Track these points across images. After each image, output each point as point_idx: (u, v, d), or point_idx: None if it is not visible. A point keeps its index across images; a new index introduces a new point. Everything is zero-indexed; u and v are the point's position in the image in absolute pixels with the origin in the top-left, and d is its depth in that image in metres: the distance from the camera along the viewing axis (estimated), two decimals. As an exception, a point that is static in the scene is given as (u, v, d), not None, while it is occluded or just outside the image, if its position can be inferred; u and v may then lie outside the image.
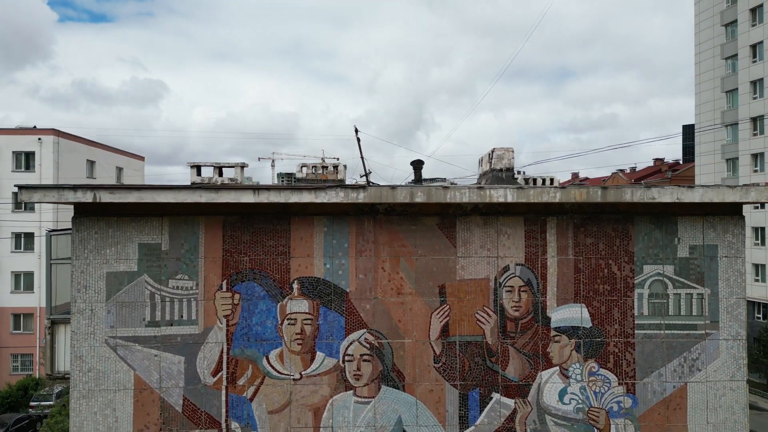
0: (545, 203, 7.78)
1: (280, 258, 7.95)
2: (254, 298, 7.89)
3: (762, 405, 34.88)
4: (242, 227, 7.95)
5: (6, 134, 34.95)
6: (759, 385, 38.11)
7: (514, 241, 8.10)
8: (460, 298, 8.01)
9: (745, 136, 41.81)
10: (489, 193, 7.67)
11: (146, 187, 7.46)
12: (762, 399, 36.05)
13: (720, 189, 7.74)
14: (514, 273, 8.04)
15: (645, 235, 8.12)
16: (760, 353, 38.60)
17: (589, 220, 8.14)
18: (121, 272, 7.79)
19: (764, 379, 38.59)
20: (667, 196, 7.69)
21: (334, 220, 8.01)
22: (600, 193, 7.70)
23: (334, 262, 7.97)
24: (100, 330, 7.73)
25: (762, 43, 40.50)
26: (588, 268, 8.10)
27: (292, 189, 7.58)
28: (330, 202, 7.59)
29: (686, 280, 8.10)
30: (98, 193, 7.39)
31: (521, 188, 7.67)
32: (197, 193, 7.47)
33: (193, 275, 7.86)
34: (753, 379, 38.44)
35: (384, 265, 8.02)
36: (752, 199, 7.78)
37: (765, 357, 38.20)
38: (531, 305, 8.02)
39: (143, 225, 7.85)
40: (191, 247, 7.88)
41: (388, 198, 7.64)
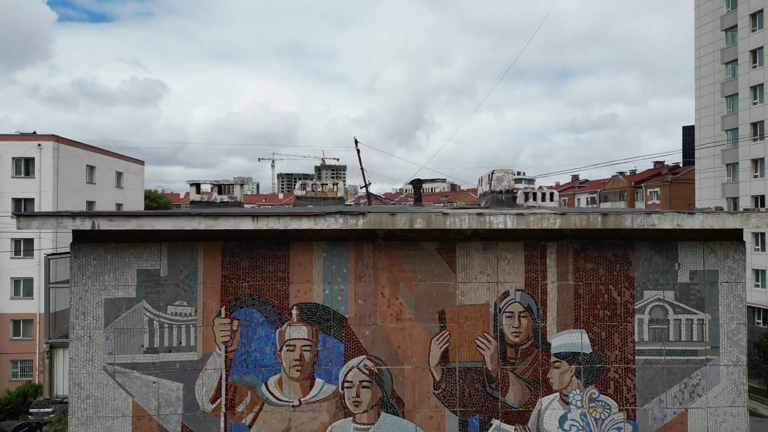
0: (545, 229, 7.75)
1: (279, 284, 7.92)
2: (253, 324, 7.86)
3: (762, 411, 34.85)
4: (241, 253, 7.93)
5: (5, 140, 34.89)
6: (759, 390, 38.08)
7: (514, 267, 8.08)
8: (460, 324, 7.98)
9: (746, 142, 41.77)
10: (489, 219, 7.64)
11: (145, 215, 7.43)
12: (762, 405, 36.02)
13: (720, 215, 7.71)
14: (514, 299, 8.01)
15: (645, 261, 8.10)
16: (760, 359, 38.59)
17: (590, 246, 8.11)
18: (119, 298, 7.76)
19: (764, 385, 38.55)
20: (668, 223, 7.66)
21: (334, 245, 7.99)
22: (600, 220, 7.67)
23: (333, 287, 7.95)
24: (99, 357, 7.70)
25: (762, 49, 40.48)
26: (588, 294, 8.07)
27: (292, 215, 7.55)
28: (329, 228, 7.57)
29: (687, 305, 8.08)
30: (97, 220, 7.36)
31: (521, 214, 7.65)
32: (196, 221, 7.44)
33: (192, 301, 7.83)
34: (753, 385, 38.41)
35: (383, 290, 7.99)
36: (753, 225, 7.76)
37: (765, 363, 38.17)
38: (531, 331, 7.99)
39: (142, 251, 7.82)
40: (190, 273, 7.86)
41: (388, 224, 7.61)
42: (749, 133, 41.43)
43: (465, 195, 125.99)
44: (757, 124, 40.86)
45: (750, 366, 38.93)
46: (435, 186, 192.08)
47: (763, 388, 38.55)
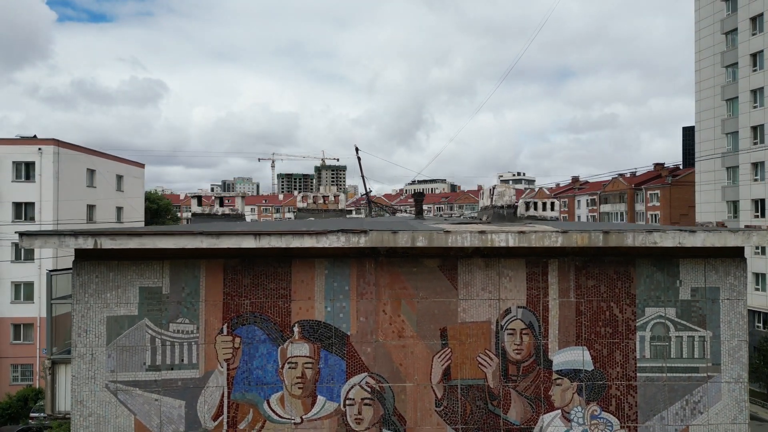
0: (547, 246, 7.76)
1: (281, 301, 7.93)
2: (255, 342, 7.87)
3: (762, 415, 34.86)
4: (243, 270, 7.94)
5: (6, 144, 34.90)
6: (759, 394, 38.10)
7: (516, 284, 8.09)
8: (462, 341, 7.99)
9: (746, 145, 41.79)
10: (490, 237, 7.66)
11: (147, 233, 7.44)
12: (762, 410, 36.03)
13: (722, 234, 7.72)
14: (516, 316, 8.02)
15: (647, 278, 8.11)
16: (760, 362, 38.62)
17: (591, 263, 8.12)
18: (121, 316, 7.77)
19: (764, 389, 38.57)
20: (669, 241, 7.68)
21: (335, 263, 8.00)
22: (602, 238, 7.69)
23: (335, 304, 7.96)
24: (101, 374, 7.71)
25: (762, 53, 40.49)
26: (590, 311, 8.08)
27: (294, 234, 7.56)
28: (331, 246, 7.58)
29: (688, 322, 8.09)
30: (99, 239, 7.37)
31: (522, 233, 7.66)
32: (198, 239, 7.45)
33: (194, 319, 7.84)
34: (753, 389, 38.43)
35: (385, 307, 8.00)
36: (754, 243, 7.77)
37: (765, 366, 38.20)
38: (533, 348, 8.00)
39: (144, 269, 7.83)
40: (192, 291, 7.86)
41: (390, 242, 7.62)
42: (750, 136, 41.45)
43: (465, 196, 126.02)
44: (757, 127, 40.89)
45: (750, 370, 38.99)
46: (435, 186, 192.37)
47: (764, 391, 38.57)
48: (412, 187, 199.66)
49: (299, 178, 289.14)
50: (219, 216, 11.27)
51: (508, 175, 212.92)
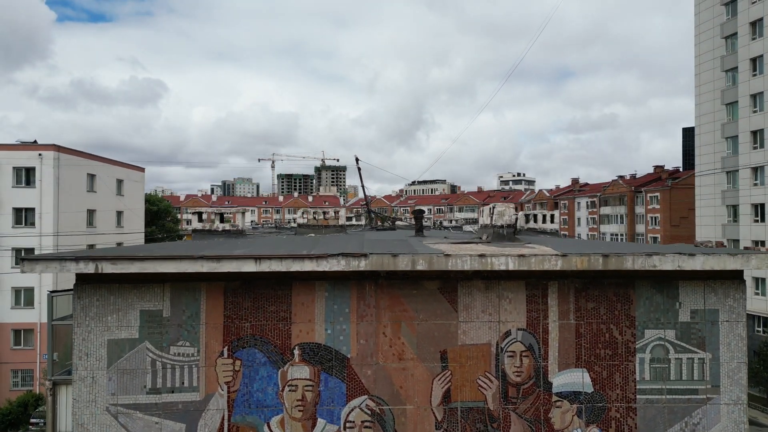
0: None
1: (282, 323, 7.95)
2: (255, 365, 7.88)
3: (762, 421, 34.87)
4: (243, 293, 7.95)
5: (6, 150, 34.93)
6: (759, 399, 38.09)
7: (516, 306, 8.10)
8: (462, 364, 8.01)
9: (746, 150, 41.81)
10: (490, 260, 7.67)
11: (148, 257, 7.46)
12: (762, 414, 36.03)
13: (721, 257, 7.74)
14: (516, 338, 8.04)
15: (646, 300, 8.12)
16: (760, 367, 38.60)
17: (591, 285, 8.14)
18: (122, 339, 7.79)
19: (764, 393, 38.56)
20: (669, 264, 7.70)
21: (336, 285, 8.01)
22: (601, 261, 7.71)
23: (335, 327, 7.97)
24: (102, 397, 7.72)
25: (762, 57, 40.51)
26: (589, 333, 8.10)
27: (294, 258, 7.58)
28: (332, 270, 7.60)
29: (687, 344, 8.10)
30: (100, 264, 7.39)
31: (522, 256, 7.68)
32: (199, 263, 7.47)
33: (195, 342, 7.86)
34: (753, 393, 38.43)
35: (385, 330, 8.02)
36: (753, 266, 7.79)
37: (765, 371, 38.17)
38: (533, 370, 8.02)
39: (145, 292, 7.85)
40: (192, 314, 7.88)
41: (390, 266, 7.64)
42: (749, 141, 41.46)
43: (465, 198, 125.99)
44: (757, 132, 40.90)
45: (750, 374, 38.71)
46: (435, 187, 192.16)
47: (763, 396, 38.56)
48: (413, 188, 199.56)
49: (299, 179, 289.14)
50: (219, 232, 11.28)
51: (508, 176, 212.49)
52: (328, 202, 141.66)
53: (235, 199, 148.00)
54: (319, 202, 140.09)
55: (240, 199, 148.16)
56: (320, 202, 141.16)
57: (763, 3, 40.37)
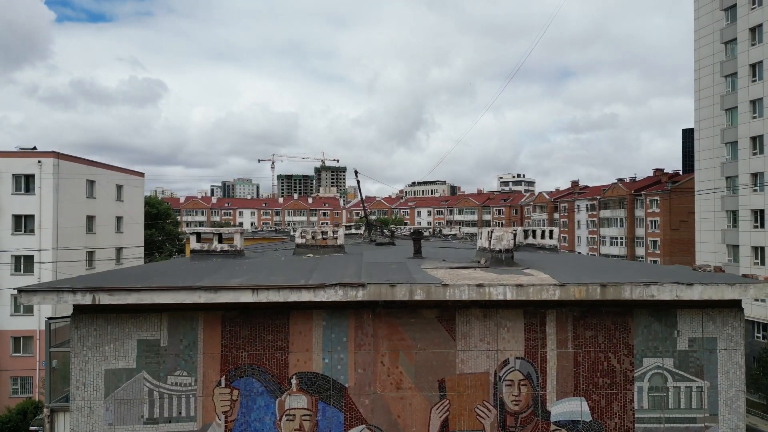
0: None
1: (279, 353, 7.94)
2: (253, 394, 7.87)
3: (762, 428, 34.83)
4: (241, 322, 7.94)
5: (6, 157, 34.92)
6: (759, 405, 38.06)
7: (514, 334, 8.09)
8: (460, 393, 7.99)
9: (745, 156, 41.78)
10: (488, 290, 7.66)
11: (145, 289, 7.45)
12: (762, 421, 36.00)
13: (719, 287, 7.73)
14: (514, 367, 8.03)
15: (644, 328, 8.11)
16: (759, 373, 38.58)
17: (589, 313, 8.13)
18: (119, 369, 7.77)
19: (764, 400, 38.53)
20: (666, 294, 7.69)
21: (333, 314, 8.00)
22: (599, 291, 7.70)
23: (332, 356, 7.96)
24: (99, 428, 7.71)
25: (761, 63, 40.49)
26: (588, 361, 8.09)
27: (291, 288, 7.57)
28: (329, 300, 7.60)
29: (686, 373, 8.09)
30: (98, 295, 7.39)
31: (520, 286, 7.67)
32: (196, 294, 7.46)
33: (192, 371, 7.85)
34: (753, 400, 38.41)
35: (383, 359, 8.01)
36: (751, 296, 7.78)
37: (765, 377, 38.14)
38: (531, 399, 8.00)
39: (142, 321, 7.83)
40: (190, 343, 7.87)
41: (387, 296, 7.63)
42: (749, 146, 41.44)
43: (465, 200, 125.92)
44: (756, 138, 40.87)
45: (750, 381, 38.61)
46: (435, 188, 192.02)
47: (763, 402, 38.53)
48: (412, 189, 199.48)
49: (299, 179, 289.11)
50: (218, 252, 11.27)
51: (508, 177, 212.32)
52: (328, 203, 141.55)
53: (235, 201, 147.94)
54: (319, 204, 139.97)
55: (240, 201, 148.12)
56: (320, 203, 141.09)
57: (762, 9, 40.35)
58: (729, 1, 44.27)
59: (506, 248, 9.36)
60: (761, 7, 40.51)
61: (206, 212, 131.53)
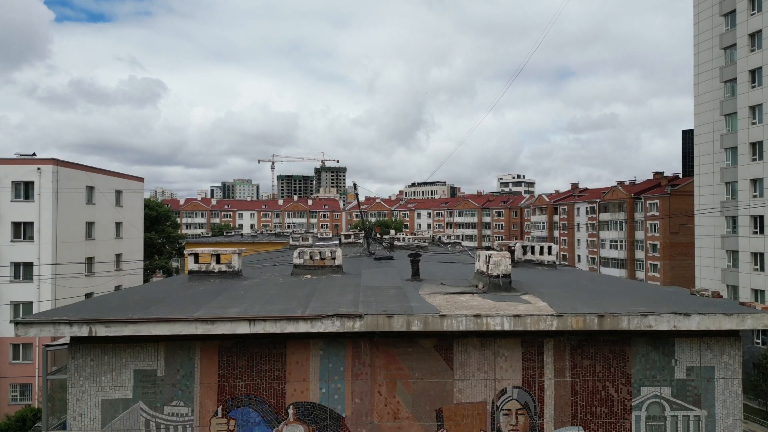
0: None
1: (276, 382, 7.92)
2: (250, 424, 7.86)
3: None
4: (238, 352, 7.93)
5: (5, 164, 34.91)
6: (758, 412, 38.04)
7: (512, 363, 8.08)
8: (458, 422, 7.98)
9: (745, 161, 41.78)
10: (486, 321, 7.66)
11: (142, 320, 7.43)
12: (762, 428, 35.97)
13: (717, 317, 7.72)
14: (512, 396, 8.02)
15: (642, 357, 8.10)
16: (759, 379, 38.56)
17: (586, 342, 8.12)
18: (116, 399, 7.76)
19: (763, 406, 38.50)
20: (664, 324, 7.68)
21: (330, 343, 7.99)
22: (597, 321, 7.69)
23: (329, 386, 7.95)
24: (96, 459, 7.69)
25: (761, 69, 40.48)
26: (585, 391, 8.07)
27: (288, 319, 7.56)
28: (326, 331, 7.59)
29: (683, 401, 8.08)
30: (94, 327, 7.38)
31: (518, 316, 7.66)
32: (193, 326, 7.45)
33: (189, 401, 7.84)
34: (753, 406, 38.40)
35: (380, 388, 8.00)
36: (748, 326, 7.77)
37: (764, 383, 38.11)
38: (528, 429, 7.99)
39: (139, 351, 7.82)
40: (187, 373, 7.86)
41: (385, 327, 7.62)
42: (749, 152, 41.43)
43: (465, 202, 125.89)
44: (756, 144, 40.87)
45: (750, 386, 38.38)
46: (435, 189, 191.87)
47: (763, 409, 38.51)
48: (412, 190, 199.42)
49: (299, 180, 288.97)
50: (216, 273, 11.26)
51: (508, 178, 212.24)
52: (328, 205, 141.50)
53: (235, 203, 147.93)
54: (319, 206, 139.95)
55: (239, 203, 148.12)
56: (320, 205, 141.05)
57: (762, 15, 40.35)
58: (728, 7, 44.28)
59: (504, 273, 9.35)
60: (761, 13, 40.52)
61: (206, 214, 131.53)
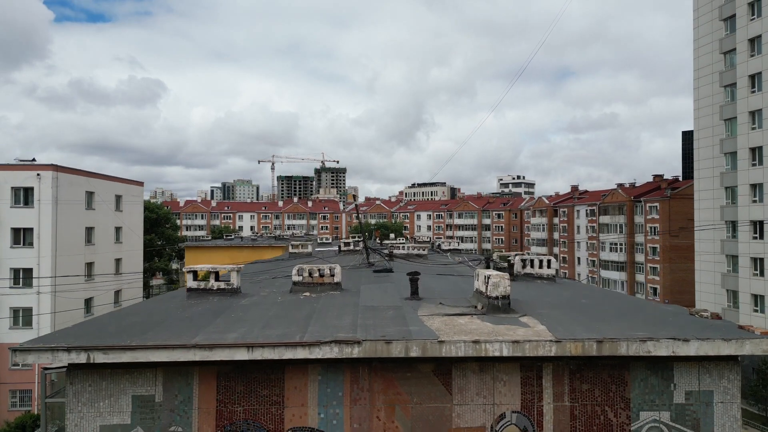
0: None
1: (274, 408, 7.91)
2: (248, 450, 7.84)
3: (761, 440, 34.78)
4: (236, 377, 7.92)
5: (5, 170, 34.90)
6: (758, 417, 38.04)
7: (510, 388, 8.07)
8: (456, 448, 7.97)
9: (744, 166, 41.78)
10: (484, 347, 7.65)
11: (140, 347, 7.43)
12: (761, 434, 35.95)
13: (715, 342, 7.72)
14: (511, 421, 8.01)
15: (641, 381, 8.10)
16: (758, 384, 38.57)
17: (585, 366, 8.11)
18: (114, 425, 7.75)
19: (763, 411, 38.51)
20: (663, 350, 7.68)
21: (329, 368, 7.98)
22: (595, 347, 7.68)
23: (328, 411, 7.94)
24: (94, 485, 7.68)
25: (761, 74, 40.49)
26: (584, 415, 8.07)
27: (286, 345, 7.56)
28: (324, 358, 7.58)
29: (682, 426, 8.07)
30: (92, 354, 7.37)
31: (516, 342, 7.65)
32: (191, 352, 7.45)
33: (187, 427, 7.82)
34: (752, 411, 38.40)
35: (379, 413, 7.99)
36: (747, 352, 7.76)
37: (764, 389, 38.13)
38: (527, 454, 7.97)
39: (137, 377, 7.82)
40: (185, 398, 7.85)
41: (383, 353, 7.62)
42: (748, 157, 41.44)
43: (464, 204, 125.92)
44: (756, 149, 40.88)
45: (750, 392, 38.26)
46: (435, 190, 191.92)
47: (762, 414, 38.51)
48: (412, 191, 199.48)
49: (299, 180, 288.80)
50: (214, 291, 11.25)
51: (508, 179, 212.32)
52: (328, 207, 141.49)
53: (235, 205, 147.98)
54: (319, 208, 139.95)
55: (239, 204, 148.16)
56: (320, 207, 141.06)
57: (761, 20, 40.36)
58: (728, 12, 44.29)
59: (502, 294, 9.34)
60: (760, 18, 40.53)
61: (206, 216, 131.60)
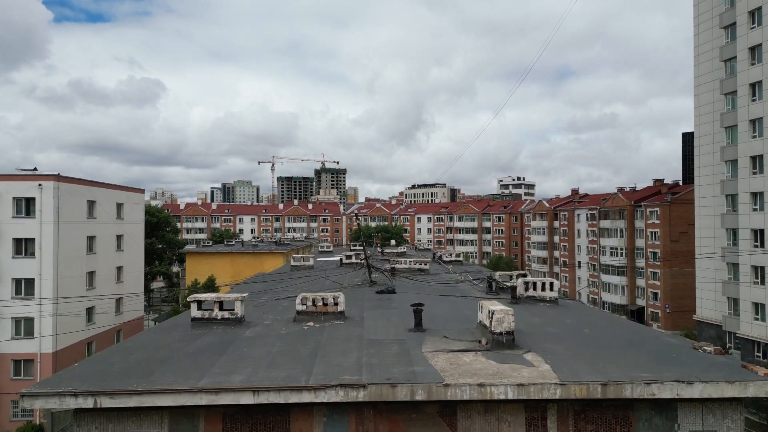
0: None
1: (281, 449, 7.94)
2: (254, 492, 7.88)
3: (762, 450, 34.76)
4: (242, 419, 7.96)
5: (6, 180, 34.93)
6: (759, 425, 38.04)
7: (515, 429, 8.11)
8: (461, 489, 8.00)
9: (745, 175, 41.80)
10: (489, 390, 7.69)
11: (147, 392, 7.47)
12: (762, 443, 35.93)
13: (719, 385, 7.76)
14: (515, 462, 8.03)
15: (645, 422, 8.13)
16: (760, 393, 38.53)
17: (590, 407, 8.15)
18: (121, 468, 7.78)
19: (764, 420, 38.50)
20: (667, 393, 7.72)
21: (334, 411, 8.02)
22: (600, 390, 7.72)
23: (334, 452, 7.97)
24: None
25: (761, 83, 40.51)
26: (588, 456, 8.09)
27: (292, 389, 7.59)
28: (330, 401, 7.62)
29: (686, 467, 8.10)
30: (99, 398, 7.41)
31: (521, 385, 7.69)
32: (198, 396, 7.49)
33: (194, 469, 7.85)
34: (753, 420, 38.40)
35: (384, 455, 8.02)
36: (750, 394, 7.81)
37: (766, 397, 38.09)
38: (531, 495, 8.01)
39: (143, 419, 7.85)
40: (191, 441, 7.88)
41: (389, 396, 7.66)
42: (749, 165, 41.45)
43: (465, 206, 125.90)
44: (756, 157, 40.88)
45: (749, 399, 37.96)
46: (435, 191, 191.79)
47: (763, 423, 38.51)
48: (412, 192, 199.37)
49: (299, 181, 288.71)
50: (219, 320, 11.29)
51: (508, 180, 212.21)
52: (328, 209, 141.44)
53: (235, 207, 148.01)
54: (319, 210, 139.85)
55: (240, 207, 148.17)
56: (320, 209, 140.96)
57: (762, 29, 40.39)
58: (729, 20, 44.32)
59: (507, 331, 9.38)
60: (761, 27, 40.56)
61: (206, 219, 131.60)
